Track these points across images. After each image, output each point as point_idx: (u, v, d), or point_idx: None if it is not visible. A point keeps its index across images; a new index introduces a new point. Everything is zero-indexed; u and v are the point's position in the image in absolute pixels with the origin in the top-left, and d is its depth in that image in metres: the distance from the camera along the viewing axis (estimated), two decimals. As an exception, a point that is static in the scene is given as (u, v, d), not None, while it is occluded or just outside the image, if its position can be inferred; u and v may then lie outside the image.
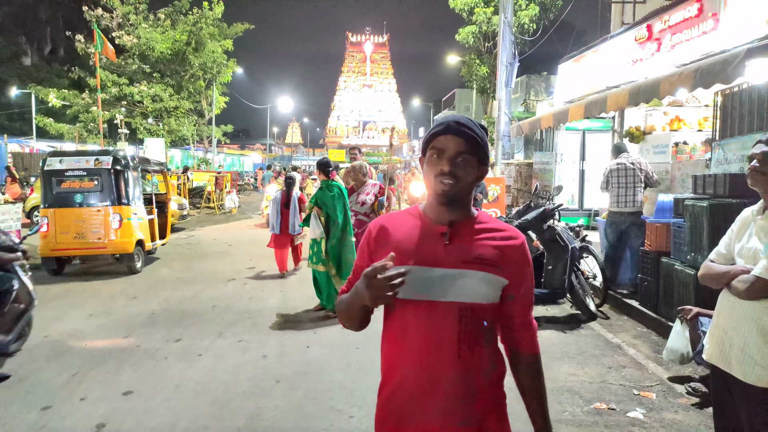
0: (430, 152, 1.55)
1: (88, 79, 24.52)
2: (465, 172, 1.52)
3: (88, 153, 9.75)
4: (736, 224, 2.55)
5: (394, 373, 1.58)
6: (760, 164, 2.31)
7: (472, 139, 1.52)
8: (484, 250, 1.53)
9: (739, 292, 2.30)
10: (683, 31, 7.58)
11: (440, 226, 1.56)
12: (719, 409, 2.59)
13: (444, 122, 1.55)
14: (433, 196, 1.57)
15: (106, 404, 4.01)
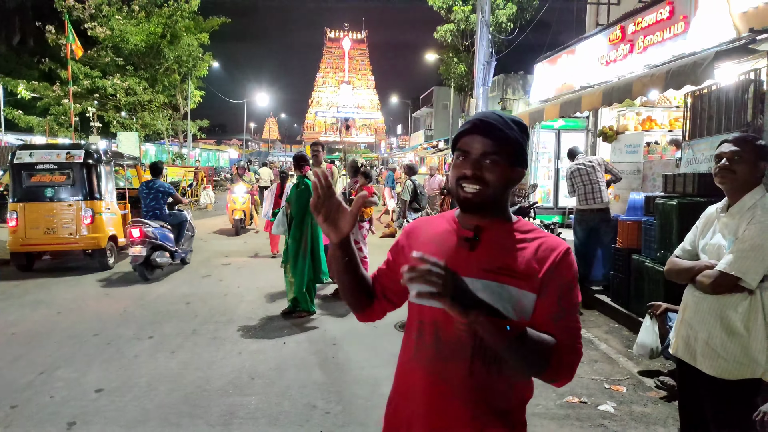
0: (456, 154, 1.44)
1: (59, 71, 23.92)
2: (493, 176, 1.38)
3: (60, 146, 9.55)
4: (700, 221, 2.62)
5: (405, 383, 1.49)
6: (730, 163, 2.36)
7: (502, 139, 1.38)
8: (511, 260, 1.37)
9: (703, 287, 2.36)
10: (655, 33, 7.72)
11: (466, 230, 1.45)
12: (684, 402, 2.66)
13: (471, 120, 1.43)
14: (457, 202, 1.46)
15: (76, 403, 3.94)
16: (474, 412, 1.37)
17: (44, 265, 9.25)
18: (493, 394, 1.38)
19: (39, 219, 8.40)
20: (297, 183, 6.28)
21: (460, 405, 1.38)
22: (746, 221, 2.31)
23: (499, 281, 1.35)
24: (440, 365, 1.39)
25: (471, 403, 1.37)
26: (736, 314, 2.30)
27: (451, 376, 1.38)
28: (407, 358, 1.50)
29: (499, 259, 1.38)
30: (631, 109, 9.15)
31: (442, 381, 1.39)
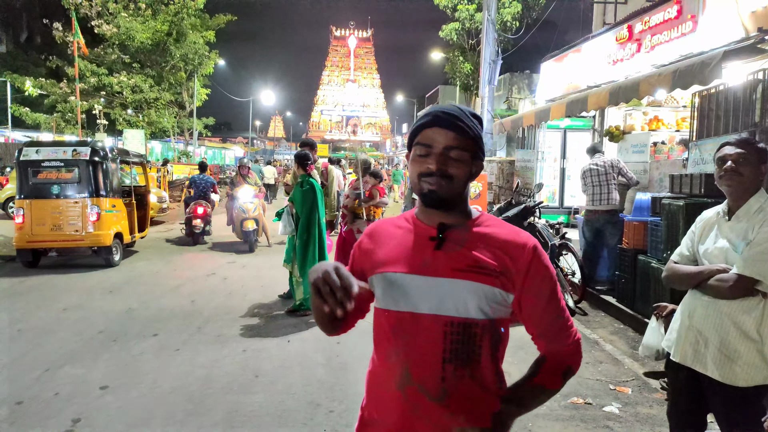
0: (416, 148, 1.37)
1: (66, 68, 24.02)
2: (456, 170, 1.33)
3: (66, 144, 9.59)
4: (697, 226, 2.57)
5: (376, 392, 1.44)
6: (736, 165, 2.33)
7: (464, 131, 1.34)
8: (478, 257, 1.33)
9: (719, 291, 2.30)
10: (663, 32, 7.68)
11: (430, 228, 1.39)
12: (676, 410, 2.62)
13: (431, 112, 1.36)
14: (420, 197, 1.39)
15: (81, 399, 3.95)
16: (447, 417, 1.34)
17: (50, 262, 9.28)
18: (465, 398, 1.35)
19: (45, 216, 8.44)
20: (301, 182, 6.07)
21: (433, 411, 1.34)
22: (758, 224, 2.27)
23: (470, 279, 1.32)
24: (412, 371, 1.34)
25: (444, 408, 1.34)
26: (750, 319, 2.26)
27: (423, 381, 1.34)
28: (378, 365, 1.45)
29: (467, 256, 1.34)
30: (637, 109, 9.11)
31: (415, 387, 1.34)
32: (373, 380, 1.47)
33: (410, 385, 1.34)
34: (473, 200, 11.85)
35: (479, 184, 12.35)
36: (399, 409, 1.37)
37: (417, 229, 1.42)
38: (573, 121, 11.41)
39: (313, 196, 6.01)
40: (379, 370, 1.44)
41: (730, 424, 2.33)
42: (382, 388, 1.43)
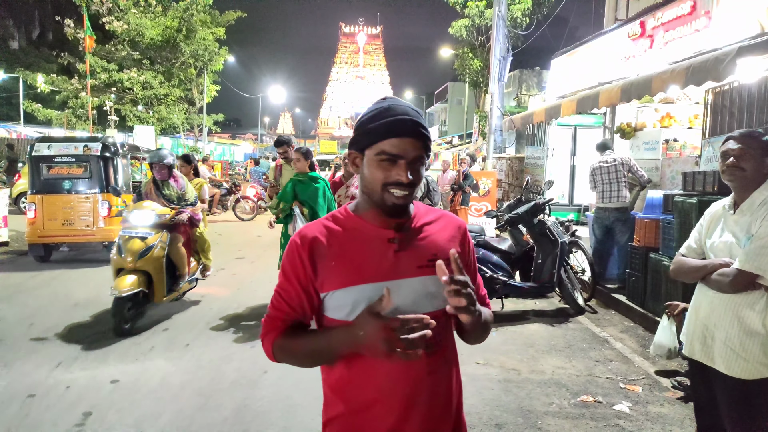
0: (379, 156, 1.30)
1: (77, 65, 24.19)
2: (419, 177, 1.33)
3: (77, 139, 9.65)
4: (705, 219, 2.57)
5: (356, 399, 1.37)
6: (738, 160, 2.32)
7: (428, 138, 1.34)
8: (436, 248, 1.36)
9: (721, 286, 2.31)
10: (676, 28, 7.60)
11: (385, 231, 1.36)
12: (700, 403, 2.61)
13: (397, 119, 1.29)
14: (379, 207, 1.34)
15: (92, 394, 3.98)
16: (438, 409, 1.37)
17: (61, 257, 9.36)
18: (446, 382, 1.40)
19: (57, 211, 8.50)
20: (307, 179, 5.74)
21: (425, 406, 1.35)
22: (760, 218, 2.27)
23: (434, 274, 1.27)
24: (400, 372, 1.31)
25: (435, 399, 1.37)
26: (754, 312, 2.26)
27: (412, 379, 1.33)
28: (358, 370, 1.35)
29: (426, 250, 1.36)
30: (649, 106, 9.03)
31: (407, 386, 1.33)
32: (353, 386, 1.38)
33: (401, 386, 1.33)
34: (482, 197, 11.83)
35: (488, 182, 12.32)
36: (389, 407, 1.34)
37: (369, 232, 1.37)
38: (584, 117, 11.34)
39: (327, 193, 5.82)
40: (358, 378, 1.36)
41: (733, 417, 2.32)
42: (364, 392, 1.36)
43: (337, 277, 1.34)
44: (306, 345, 1.37)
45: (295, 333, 1.39)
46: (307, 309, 1.39)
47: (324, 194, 5.77)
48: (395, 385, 1.33)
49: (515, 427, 3.58)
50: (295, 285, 1.37)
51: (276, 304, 1.41)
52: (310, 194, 5.70)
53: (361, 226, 1.38)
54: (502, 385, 4.18)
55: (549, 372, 4.52)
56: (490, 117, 14.29)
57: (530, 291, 6.35)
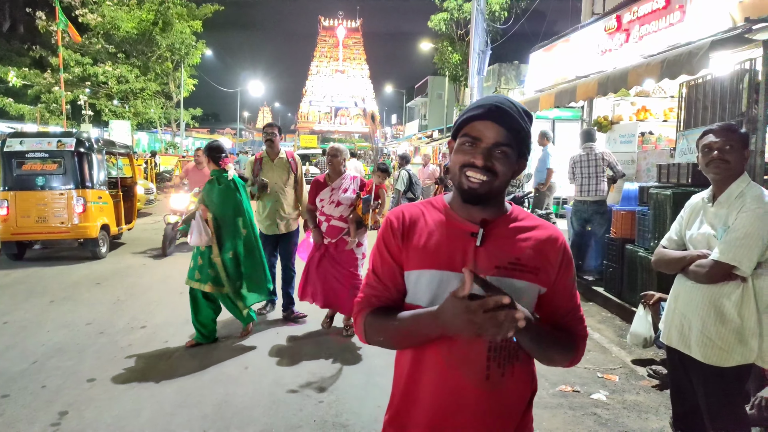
0: (462, 139, 1.33)
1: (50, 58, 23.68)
2: (502, 167, 1.30)
3: (51, 134, 9.45)
4: (685, 211, 2.63)
5: (412, 391, 1.38)
6: (722, 153, 2.36)
7: (515, 128, 1.31)
8: (520, 254, 1.33)
9: (698, 277, 2.37)
10: (651, 22, 7.68)
11: (471, 224, 1.35)
12: (676, 390, 2.67)
13: (483, 104, 1.32)
14: (458, 192, 1.36)
15: (69, 392, 3.92)
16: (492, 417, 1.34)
17: (36, 255, 9.18)
18: (508, 394, 1.36)
19: (30, 208, 8.33)
20: (216, 179, 4.92)
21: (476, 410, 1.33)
22: (736, 210, 2.32)
23: (513, 277, 1.31)
24: (454, 369, 1.32)
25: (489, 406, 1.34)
26: (730, 302, 2.32)
27: (465, 383, 1.32)
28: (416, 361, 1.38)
29: (508, 253, 1.33)
30: (625, 99, 9.14)
31: (456, 389, 1.32)
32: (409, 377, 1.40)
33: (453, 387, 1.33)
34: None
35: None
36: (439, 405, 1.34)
37: (454, 223, 1.37)
38: (562, 111, 11.45)
39: (234, 193, 4.92)
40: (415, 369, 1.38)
41: (710, 404, 2.39)
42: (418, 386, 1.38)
43: (417, 258, 1.35)
44: (394, 324, 1.35)
45: (385, 311, 1.39)
46: (400, 284, 1.39)
47: (228, 196, 4.88)
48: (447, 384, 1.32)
49: (495, 417, 3.61)
50: (388, 260, 1.40)
51: (369, 282, 1.43)
52: (214, 196, 4.89)
53: (449, 216, 1.40)
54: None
55: (528, 363, 4.57)
56: (470, 111, 14.33)
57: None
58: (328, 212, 5.03)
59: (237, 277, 4.91)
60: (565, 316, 1.41)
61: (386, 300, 1.40)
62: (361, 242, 5.17)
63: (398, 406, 1.43)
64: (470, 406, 1.33)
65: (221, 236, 4.86)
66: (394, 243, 1.39)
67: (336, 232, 5.04)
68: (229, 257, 4.85)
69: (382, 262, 1.41)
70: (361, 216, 5.07)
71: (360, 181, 5.20)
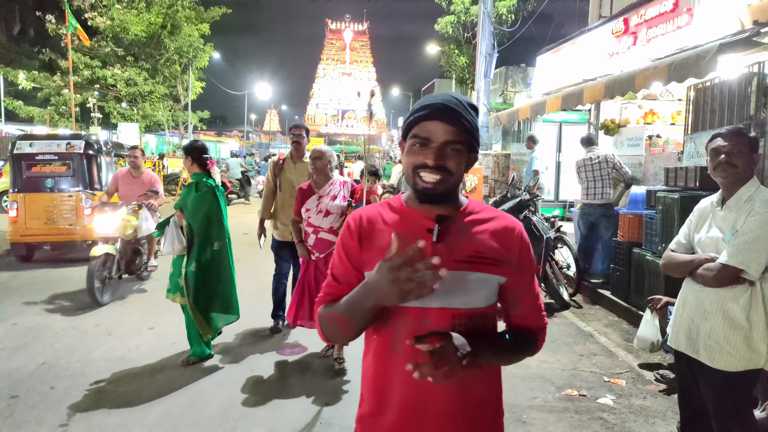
0: (412, 140, 1.34)
1: (59, 61, 23.84)
2: (455, 164, 1.32)
3: (60, 137, 9.52)
4: (694, 215, 2.62)
5: (381, 392, 1.38)
6: (730, 157, 2.36)
7: (463, 125, 1.32)
8: (479, 246, 1.35)
9: (706, 280, 2.36)
10: (659, 25, 7.66)
11: (427, 221, 1.36)
12: (684, 395, 2.66)
13: (429, 104, 1.33)
14: (414, 192, 1.38)
15: (77, 393, 3.95)
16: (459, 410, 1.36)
17: (44, 256, 9.24)
18: (475, 387, 1.37)
19: (39, 210, 8.39)
20: (195, 184, 4.53)
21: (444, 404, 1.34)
22: (745, 214, 2.32)
23: (473, 270, 1.33)
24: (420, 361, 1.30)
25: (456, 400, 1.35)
26: (738, 306, 2.31)
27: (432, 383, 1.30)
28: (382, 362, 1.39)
29: (467, 246, 1.35)
30: (633, 102, 9.11)
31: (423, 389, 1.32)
32: (375, 373, 1.42)
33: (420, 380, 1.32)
34: (469, 193, 11.86)
35: (475, 178, 12.36)
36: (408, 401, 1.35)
37: (411, 220, 1.39)
38: (569, 114, 11.42)
39: (212, 201, 4.51)
40: (383, 370, 1.40)
41: (717, 408, 2.38)
42: (387, 385, 1.38)
43: (376, 258, 1.33)
44: (339, 307, 1.37)
45: (333, 301, 1.42)
46: (355, 283, 1.38)
47: (204, 204, 4.47)
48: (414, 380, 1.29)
49: (501, 421, 3.60)
50: (345, 260, 1.43)
51: (327, 282, 1.47)
52: (189, 201, 4.51)
53: (407, 214, 1.41)
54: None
55: (534, 366, 4.56)
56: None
57: (516, 286, 6.40)
58: (316, 223, 4.40)
59: (199, 294, 4.44)
60: (525, 304, 1.45)
61: (339, 297, 1.41)
62: None
63: (367, 405, 1.44)
64: (438, 406, 1.33)
65: (191, 247, 4.47)
66: (351, 246, 1.42)
67: (325, 246, 4.40)
68: (192, 270, 4.41)
69: (340, 263, 1.44)
70: None
71: (350, 186, 4.64)
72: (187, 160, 4.55)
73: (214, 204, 4.51)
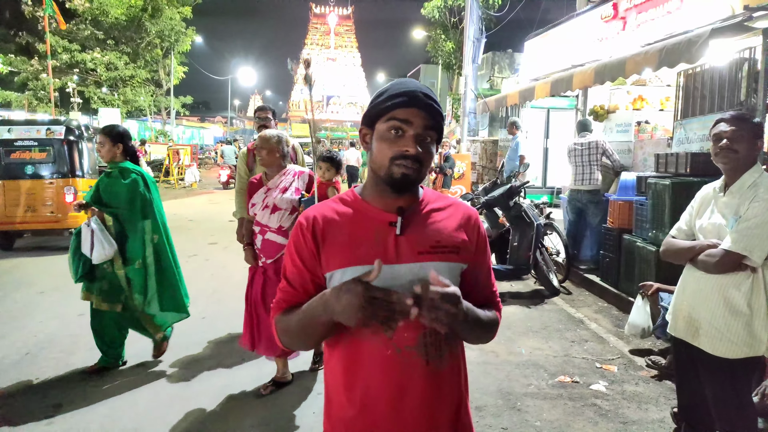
0: (389, 125, 1.29)
1: (37, 45, 23.28)
2: (429, 155, 1.32)
3: (39, 122, 9.28)
4: (696, 201, 2.59)
5: (354, 391, 1.33)
6: (731, 142, 2.33)
7: (438, 114, 1.32)
8: (439, 236, 1.34)
9: (708, 266, 2.34)
10: (648, 10, 7.64)
11: (388, 214, 1.33)
12: (682, 381, 2.65)
13: (407, 91, 1.30)
14: (386, 181, 1.32)
15: (62, 385, 3.86)
16: (435, 401, 1.33)
17: (25, 244, 9.05)
18: (447, 376, 1.36)
19: (19, 197, 8.20)
20: (120, 171, 3.99)
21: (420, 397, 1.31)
22: (748, 200, 2.30)
23: (436, 260, 1.31)
24: (395, 361, 1.29)
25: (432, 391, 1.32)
26: (739, 293, 2.29)
27: (408, 373, 1.29)
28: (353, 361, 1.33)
29: (428, 237, 1.33)
30: (621, 88, 9.10)
31: (398, 381, 1.29)
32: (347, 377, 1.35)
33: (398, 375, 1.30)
34: (457, 180, 11.83)
35: (463, 164, 12.34)
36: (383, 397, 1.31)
37: (370, 215, 1.35)
38: (557, 100, 11.40)
39: (145, 189, 4.02)
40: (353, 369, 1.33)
41: (717, 395, 2.37)
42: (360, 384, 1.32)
43: (337, 257, 1.32)
44: (296, 317, 1.32)
45: (291, 309, 1.36)
46: (310, 288, 1.35)
47: (136, 194, 3.97)
48: (389, 376, 1.29)
49: (495, 409, 3.59)
50: (299, 264, 1.36)
51: (281, 286, 1.40)
52: (114, 194, 3.96)
53: (365, 209, 1.37)
54: (481, 368, 4.20)
55: (527, 353, 4.56)
56: (464, 99, 14.26)
57: (506, 273, 6.39)
58: (263, 221, 3.75)
59: (144, 294, 4.04)
60: (485, 288, 1.44)
61: (295, 304, 1.36)
62: None
63: (338, 407, 1.37)
64: (415, 397, 1.30)
65: (125, 244, 3.99)
66: (305, 247, 1.35)
67: (274, 249, 3.75)
68: (136, 268, 3.99)
69: (293, 267, 1.37)
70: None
71: (308, 176, 3.93)
72: (113, 145, 3.94)
73: (147, 193, 4.03)
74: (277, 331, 1.39)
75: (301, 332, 1.33)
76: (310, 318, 1.28)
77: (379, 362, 1.30)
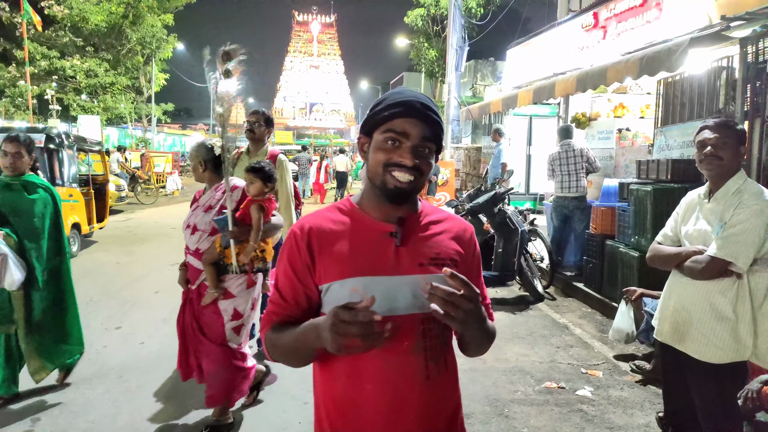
0: (385, 136, 1.27)
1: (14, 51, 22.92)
2: (427, 165, 1.29)
3: (17, 130, 9.11)
4: (681, 207, 2.62)
5: (348, 403, 1.29)
6: (715, 149, 2.36)
7: (437, 125, 1.30)
8: (438, 248, 1.33)
9: (693, 273, 2.36)
10: (628, 19, 7.76)
11: (386, 224, 1.31)
12: (669, 386, 2.67)
13: (404, 101, 1.28)
14: (380, 191, 1.30)
15: (42, 396, 3.76)
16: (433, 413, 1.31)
17: (3, 254, 8.85)
18: (446, 388, 1.35)
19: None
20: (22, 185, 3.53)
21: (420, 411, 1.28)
22: (733, 206, 2.32)
23: (435, 272, 1.27)
24: (393, 375, 1.25)
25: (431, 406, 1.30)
26: (725, 299, 2.31)
27: (407, 387, 1.26)
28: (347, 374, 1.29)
29: (428, 248, 1.32)
30: (603, 96, 9.23)
31: (398, 396, 1.26)
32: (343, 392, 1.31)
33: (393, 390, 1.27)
34: (441, 186, 11.87)
35: (446, 171, 12.39)
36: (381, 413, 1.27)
37: (369, 225, 1.33)
38: (539, 107, 11.51)
39: (53, 205, 3.67)
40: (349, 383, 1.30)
41: (704, 400, 2.39)
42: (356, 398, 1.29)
43: (334, 268, 1.28)
44: (287, 338, 1.29)
45: (282, 327, 1.32)
46: (302, 302, 1.32)
47: (48, 208, 3.60)
48: (387, 387, 1.26)
49: (483, 416, 3.59)
50: (291, 276, 1.32)
51: (272, 298, 1.36)
52: (19, 210, 3.49)
53: (363, 219, 1.34)
54: (468, 375, 4.19)
55: (513, 360, 4.57)
56: (448, 107, 14.36)
57: (491, 279, 6.42)
58: (186, 241, 3.43)
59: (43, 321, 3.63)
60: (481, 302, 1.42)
61: (286, 318, 1.33)
62: (231, 293, 3.26)
63: (330, 420, 1.33)
64: (414, 410, 1.28)
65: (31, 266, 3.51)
66: (298, 258, 1.31)
67: (194, 274, 3.39)
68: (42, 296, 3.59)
69: (285, 277, 1.33)
70: (219, 251, 3.22)
71: (241, 192, 3.34)
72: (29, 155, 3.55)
73: (54, 208, 3.66)
74: (267, 347, 1.35)
75: (292, 355, 1.32)
76: (302, 344, 1.25)
77: (374, 373, 1.26)
